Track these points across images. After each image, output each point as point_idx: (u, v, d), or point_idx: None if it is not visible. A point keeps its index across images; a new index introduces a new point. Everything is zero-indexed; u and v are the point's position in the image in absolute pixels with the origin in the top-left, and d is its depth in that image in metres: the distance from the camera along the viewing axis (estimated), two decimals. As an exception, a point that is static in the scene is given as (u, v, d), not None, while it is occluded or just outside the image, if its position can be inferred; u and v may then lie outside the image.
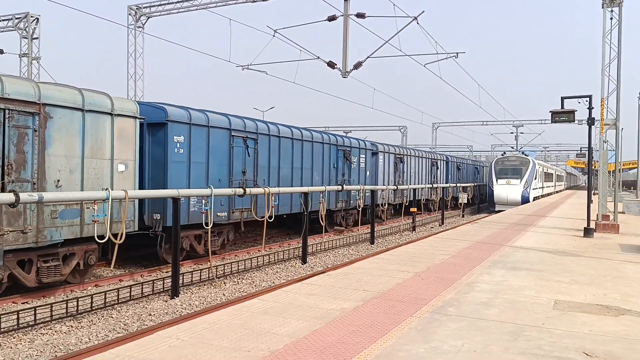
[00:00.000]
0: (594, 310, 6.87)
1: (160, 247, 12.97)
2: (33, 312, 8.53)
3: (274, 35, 18.90)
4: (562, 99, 16.28)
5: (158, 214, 12.68)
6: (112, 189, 9.66)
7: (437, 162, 34.91)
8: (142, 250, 14.63)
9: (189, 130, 13.42)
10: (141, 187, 12.33)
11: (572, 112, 15.99)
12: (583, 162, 65.22)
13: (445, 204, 31.54)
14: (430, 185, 31.13)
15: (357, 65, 18.41)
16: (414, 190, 28.14)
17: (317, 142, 19.73)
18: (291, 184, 17.54)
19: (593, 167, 24.00)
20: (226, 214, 14.58)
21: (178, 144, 13.06)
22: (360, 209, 21.87)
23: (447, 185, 33.12)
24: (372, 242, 19.47)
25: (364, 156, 23.55)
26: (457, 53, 20.31)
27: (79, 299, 9.29)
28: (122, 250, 11.73)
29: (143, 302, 10.13)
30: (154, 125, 12.90)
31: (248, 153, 15.54)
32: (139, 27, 29.58)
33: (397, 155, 27.71)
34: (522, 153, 46.38)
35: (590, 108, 15.99)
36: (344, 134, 48.55)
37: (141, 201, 12.28)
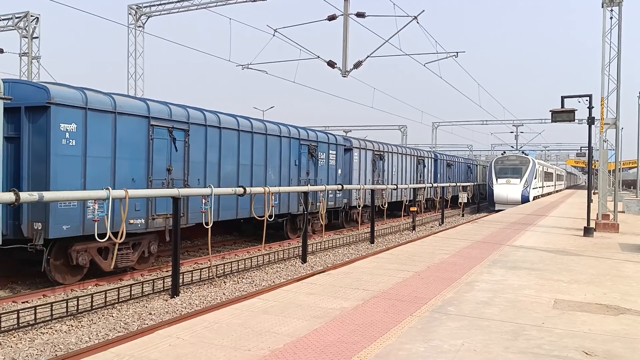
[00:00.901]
0: (594, 309, 6.87)
1: (48, 264, 10.53)
2: (33, 311, 8.54)
3: (274, 35, 18.90)
4: (562, 98, 16.29)
5: (39, 223, 10.19)
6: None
7: (424, 160, 32.78)
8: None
9: (85, 117, 10.86)
10: (18, 186, 9.83)
11: (572, 111, 16.00)
12: (583, 162, 65.26)
13: (433, 204, 30.60)
14: (416, 185, 28.20)
15: (357, 65, 18.41)
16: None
17: (272, 134, 17.09)
18: (237, 183, 14.93)
19: (593, 167, 24.02)
20: (143, 220, 12.13)
21: (67, 134, 10.54)
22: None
23: (436, 185, 30.86)
24: (372, 242, 19.47)
25: (334, 152, 20.87)
26: (457, 52, 20.30)
27: (79, 298, 9.30)
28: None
29: (143, 301, 10.14)
30: (33, 110, 10.37)
31: (175, 147, 12.97)
32: (139, 26, 29.57)
33: (375, 152, 25.36)
34: (522, 152, 46.39)
35: (590, 107, 16.00)
36: (344, 133, 48.50)
37: (18, 206, 9.06)
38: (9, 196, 7.85)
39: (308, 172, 19.07)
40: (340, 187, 18.59)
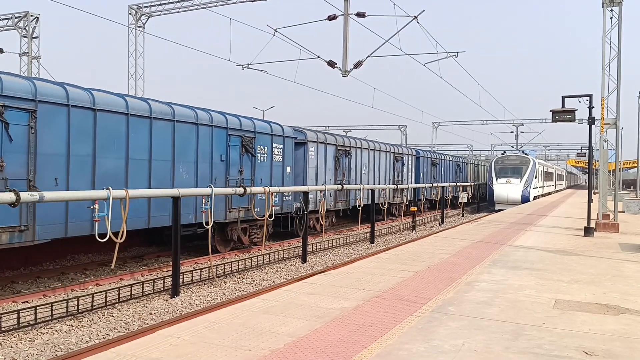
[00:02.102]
0: (594, 309, 6.88)
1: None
2: (33, 311, 8.54)
3: (274, 35, 18.91)
4: (563, 98, 16.30)
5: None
6: None
7: (402, 157, 28.95)
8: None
9: None
10: None
11: (573, 111, 16.01)
12: (583, 162, 65.27)
13: (417, 206, 27.11)
14: (395, 186, 25.48)
15: (357, 65, 18.42)
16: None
17: (184, 122, 13.33)
18: (125, 184, 11.57)
19: (593, 166, 24.02)
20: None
21: None
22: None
23: (417, 185, 27.40)
24: (372, 242, 19.47)
25: (279, 146, 17.30)
26: (457, 52, 20.31)
27: (80, 298, 9.30)
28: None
29: (144, 301, 10.15)
30: None
31: (9, 136, 9.52)
32: (140, 26, 29.58)
33: (339, 147, 21.79)
34: (522, 152, 46.41)
35: (590, 107, 16.00)
36: (344, 133, 48.47)
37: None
38: (10, 196, 7.85)
39: (241, 169, 15.44)
40: (339, 187, 18.52)
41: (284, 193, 17.04)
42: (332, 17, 18.01)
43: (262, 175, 16.51)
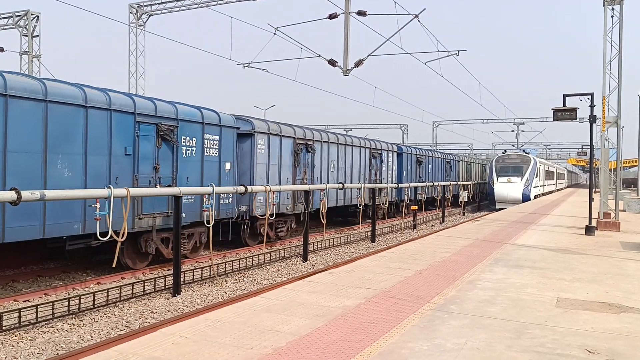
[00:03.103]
0: (596, 307, 6.87)
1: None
2: (35, 310, 8.53)
3: (274, 33, 18.89)
4: (564, 96, 16.28)
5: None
6: None
7: (381, 154, 25.98)
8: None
9: None
10: None
11: (574, 109, 15.99)
12: (584, 160, 65.22)
13: (400, 208, 26.32)
14: (373, 186, 21.62)
15: (358, 63, 18.39)
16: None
17: (62, 103, 10.41)
18: None
19: (594, 165, 23.98)
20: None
21: None
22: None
23: (394, 185, 24.89)
24: (373, 240, 19.47)
25: (215, 137, 14.30)
26: (458, 51, 20.28)
27: (81, 297, 9.30)
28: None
29: (145, 300, 10.15)
30: None
31: None
32: (140, 25, 29.55)
33: (299, 141, 18.71)
34: (523, 151, 46.39)
35: (592, 106, 15.98)
36: (345, 132, 48.45)
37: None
38: (10, 195, 7.84)
39: (157, 166, 12.53)
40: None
41: (222, 195, 14.35)
42: (333, 16, 17.99)
43: (190, 173, 13.50)
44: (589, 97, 16.02)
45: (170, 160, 13.00)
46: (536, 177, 38.80)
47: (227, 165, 14.93)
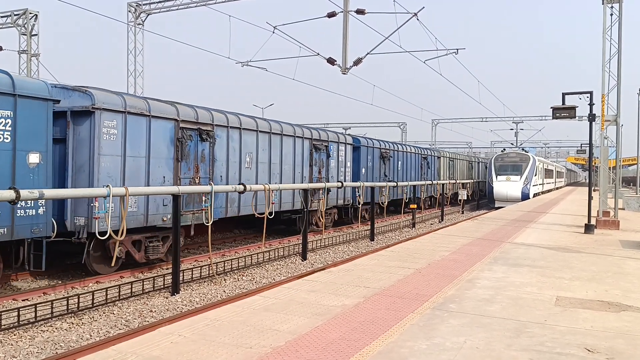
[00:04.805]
0: (596, 306, 6.86)
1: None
2: (34, 309, 8.52)
3: (273, 32, 18.86)
4: (563, 95, 16.28)
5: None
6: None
7: (327, 147, 20.56)
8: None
9: None
10: None
11: (573, 108, 15.98)
12: (583, 159, 65.28)
13: (355, 214, 21.92)
14: (297, 186, 16.75)
15: (357, 62, 18.38)
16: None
17: None
18: None
19: (593, 164, 24.01)
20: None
21: None
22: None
23: (336, 184, 19.05)
24: (371, 239, 19.46)
25: (6, 113, 9.54)
26: (457, 49, 20.26)
27: (80, 296, 9.29)
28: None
29: (144, 299, 10.13)
30: None
31: None
32: (139, 24, 29.51)
33: (184, 125, 13.34)
34: (522, 149, 46.41)
35: (591, 104, 15.97)
36: (344, 131, 48.39)
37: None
38: (9, 194, 7.83)
39: None
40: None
41: (25, 203, 9.64)
42: (331, 14, 17.97)
43: None
44: (588, 95, 16.02)
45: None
46: (535, 175, 38.81)
47: (33, 158, 10.06)
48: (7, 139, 9.60)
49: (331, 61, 18.50)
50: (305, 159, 19.25)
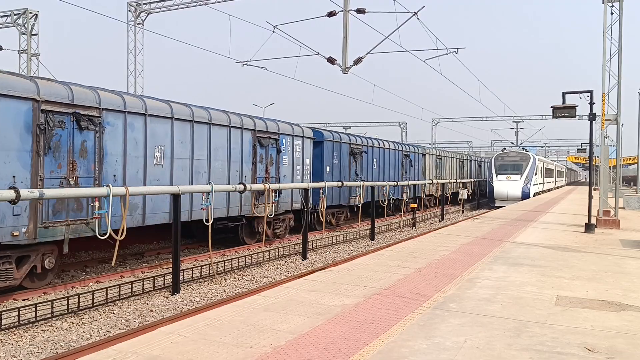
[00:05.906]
0: (596, 305, 6.86)
1: None
2: (34, 308, 8.52)
3: (273, 31, 18.85)
4: (564, 94, 16.26)
5: None
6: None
7: (277, 140, 17.15)
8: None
9: None
10: None
11: (574, 107, 15.97)
12: (583, 158, 65.26)
13: (317, 221, 19.46)
14: (243, 187, 13.34)
15: (357, 61, 18.36)
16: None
17: None
18: None
19: (594, 163, 23.98)
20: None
21: None
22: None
23: (297, 185, 16.67)
24: (372, 238, 19.46)
25: None
26: (457, 48, 20.22)
27: (80, 295, 9.29)
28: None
29: (144, 298, 10.13)
30: None
31: None
32: (139, 23, 29.50)
33: (47, 106, 9.96)
34: (523, 149, 46.38)
35: (591, 103, 15.96)
36: (344, 130, 48.36)
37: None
38: (9, 193, 7.83)
39: None
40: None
41: None
42: (331, 14, 17.95)
43: None
44: (589, 94, 16.00)
45: None
46: (535, 174, 38.79)
47: None
48: None
49: (331, 60, 18.49)
50: (246, 155, 15.84)
